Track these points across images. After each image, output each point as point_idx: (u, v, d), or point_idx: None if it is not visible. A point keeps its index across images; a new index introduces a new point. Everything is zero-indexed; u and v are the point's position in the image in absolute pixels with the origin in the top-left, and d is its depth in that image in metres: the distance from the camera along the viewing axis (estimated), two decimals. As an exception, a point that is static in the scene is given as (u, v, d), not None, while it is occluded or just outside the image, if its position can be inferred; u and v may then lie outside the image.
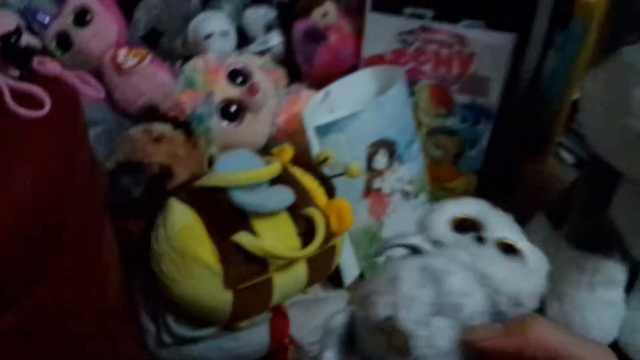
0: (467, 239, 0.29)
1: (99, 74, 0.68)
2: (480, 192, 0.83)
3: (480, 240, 0.28)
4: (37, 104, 0.38)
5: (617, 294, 0.71)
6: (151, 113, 0.68)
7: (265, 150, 0.72)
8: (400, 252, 0.31)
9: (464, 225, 0.30)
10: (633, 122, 0.50)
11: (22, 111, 0.37)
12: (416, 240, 0.29)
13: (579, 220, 0.70)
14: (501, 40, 0.72)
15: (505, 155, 0.83)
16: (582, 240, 0.69)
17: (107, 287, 0.53)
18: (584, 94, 0.59)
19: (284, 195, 0.60)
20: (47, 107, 0.38)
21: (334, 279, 0.75)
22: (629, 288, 0.72)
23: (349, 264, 0.76)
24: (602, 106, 0.56)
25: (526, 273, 0.28)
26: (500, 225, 0.30)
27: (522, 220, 0.82)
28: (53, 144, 0.38)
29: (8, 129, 0.37)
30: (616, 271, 0.70)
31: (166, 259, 0.57)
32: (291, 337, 0.67)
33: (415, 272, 0.27)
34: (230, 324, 0.61)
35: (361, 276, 0.79)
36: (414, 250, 0.30)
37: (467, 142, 0.80)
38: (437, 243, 0.29)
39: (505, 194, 0.86)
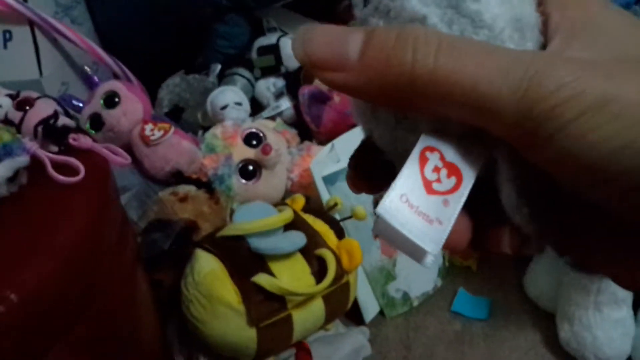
0: None
1: (128, 147, 0.77)
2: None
3: None
4: (73, 172, 0.46)
5: (624, 312, 0.74)
6: (177, 177, 0.76)
7: (282, 202, 0.79)
8: None
9: None
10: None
11: (61, 178, 0.45)
12: None
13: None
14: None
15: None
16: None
17: (142, 332, 0.59)
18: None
19: (297, 239, 0.67)
20: (82, 175, 0.45)
21: (355, 317, 0.80)
22: (637, 306, 0.76)
23: (367, 301, 0.81)
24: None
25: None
26: None
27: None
28: (87, 206, 0.46)
29: (50, 194, 0.45)
30: (620, 290, 0.73)
31: (195, 302, 0.64)
32: (315, 373, 0.72)
33: None
34: (256, 360, 0.67)
35: (381, 313, 0.84)
36: None
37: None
38: None
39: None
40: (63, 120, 0.48)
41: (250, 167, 0.80)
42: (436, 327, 0.83)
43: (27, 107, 0.50)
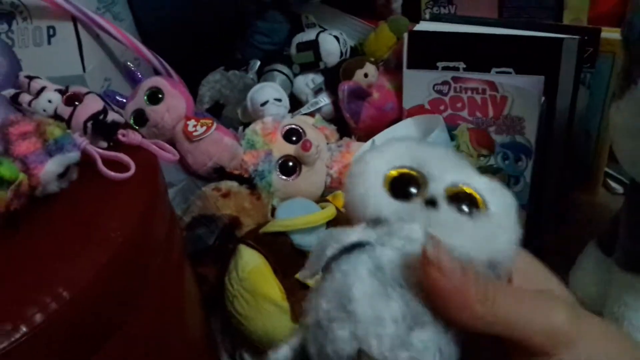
0: (412, 206, 0.22)
1: (171, 143, 0.78)
2: (530, 225, 0.86)
3: (432, 203, 0.22)
4: (123, 168, 0.46)
5: (675, 313, 0.72)
6: (219, 172, 0.76)
7: (321, 199, 0.79)
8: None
9: (402, 186, 0.23)
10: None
11: (112, 175, 0.45)
12: (355, 237, 0.22)
13: (626, 243, 0.72)
14: (531, 83, 0.77)
15: (551, 188, 0.87)
16: (632, 262, 0.71)
17: (188, 327, 0.59)
18: (611, 124, 0.63)
19: (340, 236, 0.66)
20: (132, 171, 0.46)
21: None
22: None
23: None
24: (629, 134, 0.60)
25: (492, 229, 0.23)
26: (443, 165, 0.23)
27: (575, 252, 0.84)
28: (137, 202, 0.46)
29: (101, 190, 0.46)
30: (672, 291, 0.71)
31: (239, 298, 0.64)
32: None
33: (368, 280, 0.21)
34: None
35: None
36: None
37: (511, 179, 0.84)
38: (377, 222, 0.22)
39: (556, 227, 0.88)
40: (112, 115, 0.49)
41: (290, 163, 0.80)
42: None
43: (77, 103, 0.50)
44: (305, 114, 0.93)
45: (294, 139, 0.81)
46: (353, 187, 0.23)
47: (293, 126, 0.83)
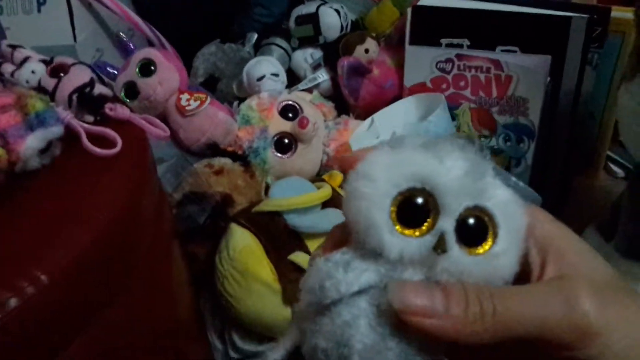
0: (418, 245, 0.21)
1: (163, 118, 0.76)
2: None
3: (441, 243, 0.21)
4: (110, 144, 0.44)
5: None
6: (212, 149, 0.74)
7: (317, 177, 0.77)
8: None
9: (409, 214, 0.20)
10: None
11: (97, 150, 0.43)
12: (356, 287, 0.21)
13: (627, 229, 0.70)
14: (537, 63, 0.75)
15: (553, 171, 0.85)
16: (632, 249, 0.70)
17: (177, 307, 0.58)
18: (620, 107, 0.61)
19: (336, 217, 0.64)
20: (119, 147, 0.44)
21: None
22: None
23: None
24: (637, 116, 0.58)
25: (500, 261, 0.21)
26: (460, 186, 0.21)
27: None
28: (124, 179, 0.44)
29: (85, 166, 0.44)
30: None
31: (229, 278, 0.63)
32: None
33: (368, 333, 0.21)
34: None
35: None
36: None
37: (513, 160, 0.82)
38: (376, 257, 0.21)
39: (555, 210, 0.87)
40: (99, 88, 0.46)
41: (286, 141, 0.78)
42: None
43: (62, 74, 0.48)
44: (303, 90, 0.90)
45: (291, 115, 0.79)
46: (353, 211, 0.21)
47: (290, 102, 0.80)
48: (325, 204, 0.66)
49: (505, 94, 0.79)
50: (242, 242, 0.63)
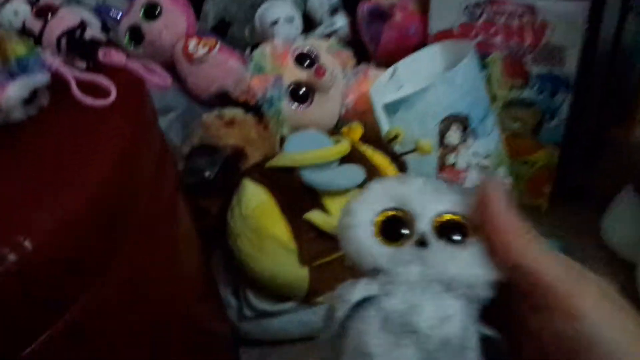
0: (405, 249, 0.23)
1: (171, 64, 0.71)
2: (563, 163, 0.79)
3: (422, 241, 0.23)
4: (104, 93, 0.39)
5: None
6: (223, 99, 0.70)
7: (335, 130, 0.72)
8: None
9: (390, 230, 0.24)
10: None
11: (89, 100, 0.38)
12: (359, 295, 0.23)
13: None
14: (574, 8, 0.69)
15: (588, 125, 0.79)
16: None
17: (182, 267, 0.54)
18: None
19: (355, 173, 0.60)
20: (113, 96, 0.39)
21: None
22: None
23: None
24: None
25: (480, 256, 0.23)
26: (424, 198, 0.24)
27: (609, 191, 0.78)
28: (120, 132, 0.39)
29: (76, 119, 0.39)
30: None
31: (242, 237, 0.59)
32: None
33: (381, 335, 0.23)
34: (308, 298, 0.62)
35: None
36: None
37: (546, 114, 0.77)
38: (376, 271, 0.23)
39: (589, 165, 0.81)
40: (92, 32, 0.41)
41: (302, 90, 0.73)
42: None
43: (49, 16, 0.43)
44: (320, 36, 0.84)
45: (307, 63, 0.74)
46: (346, 242, 0.24)
47: (306, 49, 0.75)
48: (344, 160, 0.61)
49: (540, 42, 0.73)
50: (255, 199, 0.59)
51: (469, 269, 0.23)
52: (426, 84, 0.68)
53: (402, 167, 0.64)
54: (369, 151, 0.64)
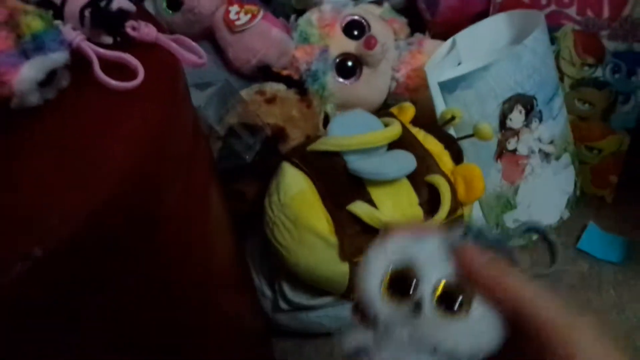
0: (403, 310, 0.25)
1: (210, 34, 0.66)
2: (634, 152, 0.71)
3: (418, 306, 0.25)
4: (130, 73, 0.35)
5: None
6: (265, 72, 0.65)
7: (383, 109, 0.66)
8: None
9: (397, 286, 0.25)
10: None
11: (113, 83, 0.34)
12: (353, 345, 0.25)
13: None
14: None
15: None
16: None
17: (213, 255, 0.51)
18: None
19: (405, 161, 0.54)
20: (140, 78, 0.34)
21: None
22: None
23: (476, 231, 0.70)
24: None
25: (475, 328, 0.25)
26: (432, 262, 0.26)
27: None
28: (149, 117, 0.35)
29: (101, 102, 0.35)
30: None
31: (279, 226, 0.55)
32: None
33: None
34: (348, 294, 0.58)
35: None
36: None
37: (620, 96, 0.69)
38: (376, 321, 0.25)
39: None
40: (119, 2, 0.37)
41: (350, 63, 0.67)
42: (557, 266, 0.70)
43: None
44: (371, 3, 0.77)
45: (356, 33, 0.68)
46: (359, 285, 0.26)
47: (356, 17, 0.69)
48: (393, 145, 0.56)
49: (620, 15, 0.64)
50: (295, 186, 0.54)
51: (454, 341, 0.25)
52: (489, 59, 0.61)
53: (457, 154, 0.58)
54: (420, 135, 0.59)
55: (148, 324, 0.39)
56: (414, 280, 0.25)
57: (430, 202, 0.54)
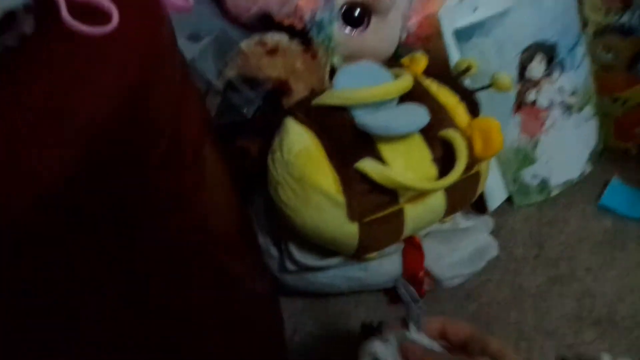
0: None
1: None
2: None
3: None
4: (104, 18, 0.31)
5: None
6: (266, 21, 0.61)
7: (394, 60, 0.62)
8: None
9: None
10: None
11: (83, 28, 0.30)
12: None
13: None
14: None
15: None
16: None
17: (213, 206, 0.48)
18: None
19: (417, 115, 0.51)
20: (115, 22, 0.30)
21: (477, 204, 0.66)
22: None
23: (495, 187, 0.67)
24: None
25: None
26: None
27: None
28: (124, 66, 0.31)
29: (68, 52, 0.31)
30: None
31: (284, 185, 0.52)
32: (426, 270, 0.61)
33: None
34: (357, 255, 0.56)
35: (509, 200, 0.69)
36: None
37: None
38: None
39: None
40: None
41: (357, 12, 0.63)
42: (578, 224, 0.68)
43: None
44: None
45: (364, -22, 0.63)
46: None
47: (363, -39, 0.64)
48: (403, 98, 0.52)
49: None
50: (299, 142, 0.51)
51: None
52: (507, 5, 0.57)
53: (473, 107, 0.55)
54: (433, 87, 0.55)
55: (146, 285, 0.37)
56: None
57: (444, 158, 0.51)
